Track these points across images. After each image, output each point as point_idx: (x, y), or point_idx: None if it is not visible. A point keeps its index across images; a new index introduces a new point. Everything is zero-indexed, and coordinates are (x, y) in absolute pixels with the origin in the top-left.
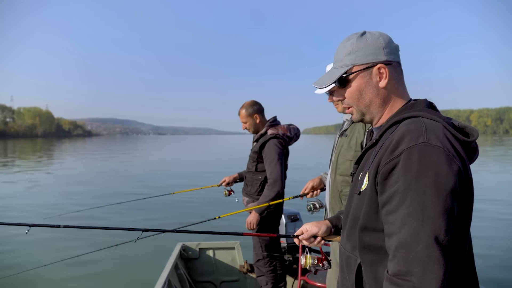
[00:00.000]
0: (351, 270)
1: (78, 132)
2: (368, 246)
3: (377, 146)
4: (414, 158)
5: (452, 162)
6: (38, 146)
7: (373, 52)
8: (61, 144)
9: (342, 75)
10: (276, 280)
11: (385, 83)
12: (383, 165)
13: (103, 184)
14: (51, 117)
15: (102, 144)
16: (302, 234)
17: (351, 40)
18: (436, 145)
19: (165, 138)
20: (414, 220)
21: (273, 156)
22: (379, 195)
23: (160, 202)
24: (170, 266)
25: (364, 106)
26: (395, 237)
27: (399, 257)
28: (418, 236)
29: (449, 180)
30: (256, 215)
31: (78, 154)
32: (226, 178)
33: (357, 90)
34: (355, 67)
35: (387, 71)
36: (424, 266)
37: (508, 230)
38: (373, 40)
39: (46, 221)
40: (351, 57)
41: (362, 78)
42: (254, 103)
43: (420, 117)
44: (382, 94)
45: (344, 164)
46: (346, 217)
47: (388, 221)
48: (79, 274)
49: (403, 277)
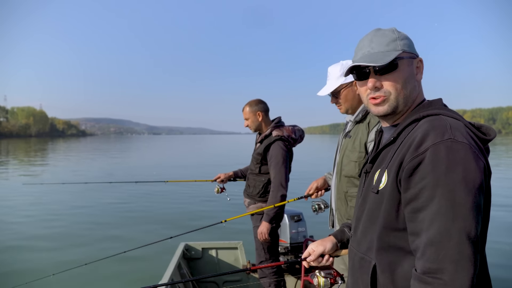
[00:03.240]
0: (365, 272)
1: (72, 132)
2: (387, 247)
3: (395, 143)
4: (442, 154)
5: (478, 158)
6: (32, 146)
7: (412, 44)
8: (55, 144)
9: (395, 58)
10: (279, 282)
11: (421, 77)
12: (408, 161)
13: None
14: (45, 116)
15: (97, 144)
16: (309, 256)
17: (385, 31)
18: (463, 142)
19: (160, 138)
20: (445, 216)
21: (278, 159)
22: (403, 192)
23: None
24: (173, 266)
25: (404, 96)
26: (424, 234)
27: (429, 254)
28: (449, 233)
29: (477, 176)
30: (266, 224)
31: (73, 154)
32: (221, 175)
33: (403, 77)
34: (404, 53)
35: (423, 66)
36: (456, 264)
37: (495, 232)
38: (404, 35)
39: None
40: (399, 42)
41: (408, 66)
42: (259, 101)
43: (441, 115)
44: (418, 88)
45: (349, 165)
46: (360, 217)
47: (415, 219)
48: (83, 277)
49: (433, 275)
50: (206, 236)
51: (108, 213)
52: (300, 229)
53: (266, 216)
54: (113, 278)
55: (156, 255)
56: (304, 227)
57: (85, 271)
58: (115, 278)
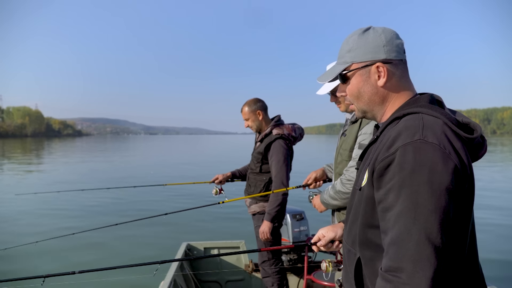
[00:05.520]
0: (351, 263)
1: (68, 132)
2: (367, 242)
3: (377, 142)
4: (409, 155)
5: (447, 159)
6: (27, 146)
7: (372, 50)
8: (51, 143)
9: (342, 72)
10: (282, 281)
11: (383, 82)
12: (379, 161)
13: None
14: (40, 116)
15: (93, 144)
16: (320, 241)
17: (353, 36)
18: (432, 142)
19: (157, 138)
20: (407, 217)
21: (279, 158)
22: (375, 192)
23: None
24: (176, 266)
25: (364, 104)
26: (389, 233)
27: (390, 253)
28: (409, 233)
29: (443, 178)
30: (268, 224)
31: (69, 155)
32: (219, 176)
33: (356, 88)
34: (353, 64)
35: (386, 70)
36: (414, 263)
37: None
38: (374, 38)
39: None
40: (350, 54)
41: (360, 76)
42: (257, 100)
43: (420, 113)
44: (381, 93)
45: (342, 164)
46: (349, 212)
47: (384, 218)
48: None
49: (393, 273)
50: (207, 236)
51: (106, 213)
52: (302, 228)
53: (268, 216)
54: (112, 279)
55: (158, 255)
56: (306, 225)
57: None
58: (115, 279)
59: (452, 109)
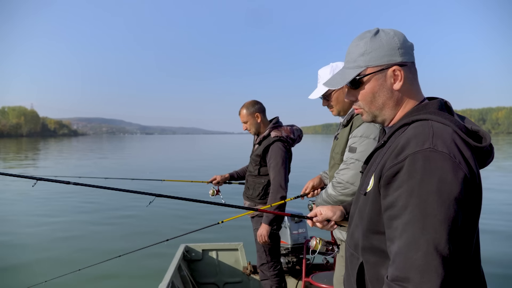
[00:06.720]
0: (353, 267)
1: (63, 131)
2: (371, 248)
3: (384, 147)
4: (419, 163)
5: (457, 169)
6: (23, 147)
7: (388, 53)
8: (47, 144)
9: (356, 77)
10: (280, 284)
11: (400, 85)
12: (387, 168)
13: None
14: (36, 116)
15: (89, 144)
16: (317, 216)
17: (364, 39)
18: (442, 151)
19: (153, 138)
20: (415, 227)
21: (277, 160)
22: (382, 199)
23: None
24: (174, 267)
25: (377, 108)
26: (396, 242)
27: (397, 263)
28: (417, 243)
29: (453, 187)
30: (266, 227)
31: (65, 155)
32: (217, 177)
33: (371, 92)
34: (369, 69)
35: (402, 73)
36: (422, 274)
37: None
38: (387, 40)
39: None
40: (364, 58)
41: (376, 80)
42: (255, 102)
43: (429, 120)
44: (396, 97)
45: (334, 167)
46: (352, 215)
47: (390, 225)
48: (81, 278)
49: (400, 283)
50: (205, 236)
51: (103, 214)
52: (300, 230)
53: (266, 218)
54: (113, 281)
55: (156, 257)
56: (305, 228)
57: (80, 277)
58: (115, 281)
59: (461, 115)
